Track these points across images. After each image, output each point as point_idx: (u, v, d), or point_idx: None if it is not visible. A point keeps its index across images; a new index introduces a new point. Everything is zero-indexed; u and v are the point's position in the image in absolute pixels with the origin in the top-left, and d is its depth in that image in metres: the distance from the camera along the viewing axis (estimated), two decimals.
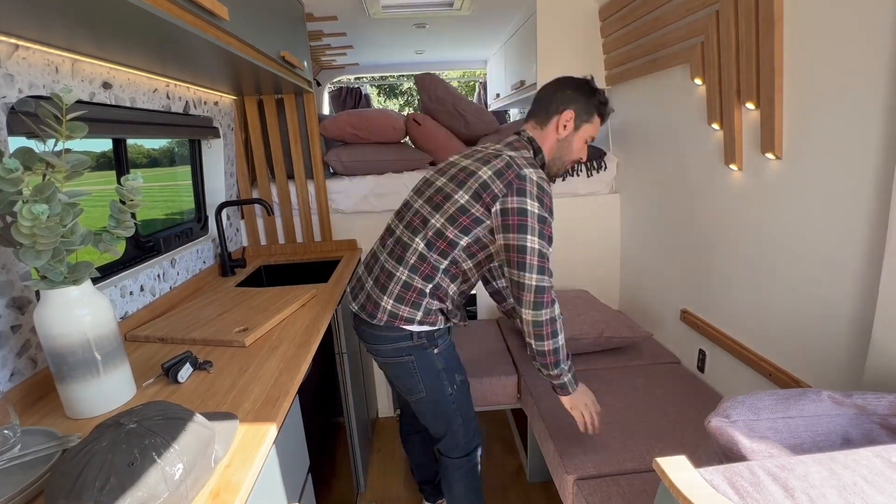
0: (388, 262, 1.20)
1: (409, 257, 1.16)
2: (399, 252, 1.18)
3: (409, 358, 1.23)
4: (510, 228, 1.09)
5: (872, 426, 0.75)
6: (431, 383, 1.26)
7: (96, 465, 0.58)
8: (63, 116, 0.78)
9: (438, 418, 1.32)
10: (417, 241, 1.16)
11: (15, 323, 0.92)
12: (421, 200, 1.21)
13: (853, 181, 1.00)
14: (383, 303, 1.18)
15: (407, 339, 1.21)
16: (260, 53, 1.30)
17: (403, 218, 1.23)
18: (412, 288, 1.16)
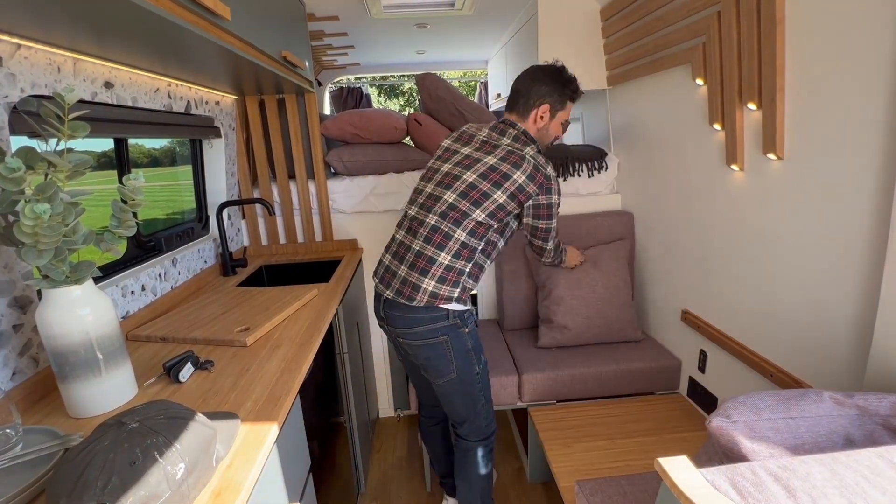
0: (426, 248, 1.29)
1: (452, 245, 1.28)
2: (439, 240, 1.28)
3: (444, 338, 1.31)
4: (540, 217, 1.35)
5: (874, 427, 0.75)
6: (462, 363, 1.34)
7: (98, 465, 0.58)
8: (65, 116, 0.78)
9: (466, 399, 1.39)
10: (459, 232, 1.28)
11: (17, 322, 0.92)
12: (452, 193, 1.30)
13: (855, 182, 1.00)
14: (424, 284, 1.27)
15: (443, 319, 1.30)
16: (261, 53, 1.30)
17: (431, 209, 1.31)
18: (454, 269, 1.29)
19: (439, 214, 1.29)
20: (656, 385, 1.76)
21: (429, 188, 1.36)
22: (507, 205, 1.28)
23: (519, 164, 1.28)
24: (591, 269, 1.86)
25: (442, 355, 1.33)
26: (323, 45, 2.66)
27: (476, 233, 1.29)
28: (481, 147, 1.35)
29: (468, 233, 1.28)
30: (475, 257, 1.31)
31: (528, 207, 1.33)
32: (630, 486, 1.17)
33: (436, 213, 1.30)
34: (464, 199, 1.28)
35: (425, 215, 1.32)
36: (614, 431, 1.56)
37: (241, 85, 1.71)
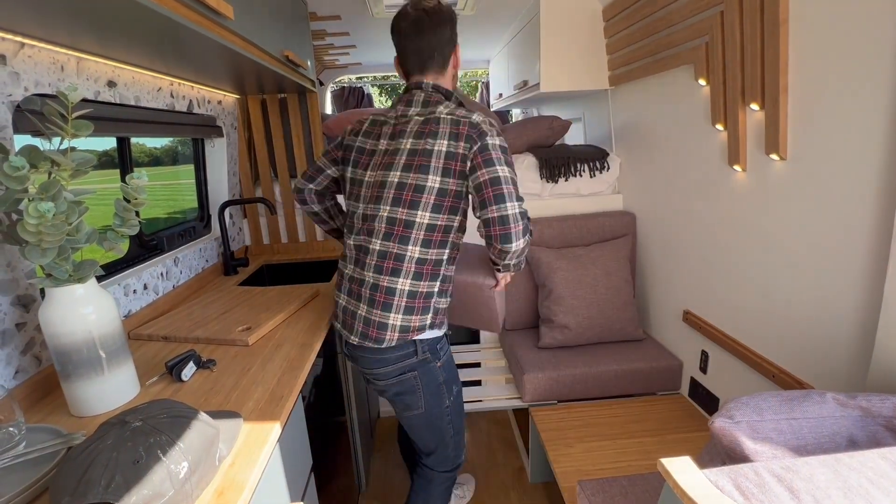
0: (380, 279, 1.10)
1: (408, 266, 1.09)
2: (391, 265, 1.09)
3: (413, 374, 1.17)
4: (477, 169, 1.05)
5: (877, 428, 0.75)
6: (431, 398, 1.22)
7: (101, 463, 0.58)
8: (68, 115, 0.78)
9: (433, 432, 1.28)
10: (410, 249, 1.08)
11: (20, 321, 0.92)
12: (385, 206, 1.10)
13: (858, 182, 1.00)
14: (391, 321, 1.10)
15: (412, 356, 1.16)
16: (264, 52, 1.30)
17: (371, 232, 1.12)
18: (418, 295, 1.10)
19: (382, 236, 1.09)
20: (657, 385, 1.75)
21: (360, 208, 1.15)
22: (446, 185, 1.05)
23: (435, 132, 1.06)
24: (593, 269, 1.86)
25: (411, 391, 1.20)
26: (325, 44, 2.66)
27: (431, 242, 1.09)
28: (403, 134, 1.11)
29: (421, 245, 1.08)
30: (441, 272, 1.12)
31: (471, 170, 1.05)
32: (632, 486, 1.17)
33: (377, 235, 1.10)
34: (399, 207, 1.07)
35: (368, 241, 1.12)
36: (616, 432, 1.56)
37: (243, 84, 1.71)
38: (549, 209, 2.14)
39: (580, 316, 1.82)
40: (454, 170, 1.05)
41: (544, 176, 2.08)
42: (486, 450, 2.04)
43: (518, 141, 2.18)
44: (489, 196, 1.03)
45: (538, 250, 1.93)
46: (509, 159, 1.08)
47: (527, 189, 2.10)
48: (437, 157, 1.06)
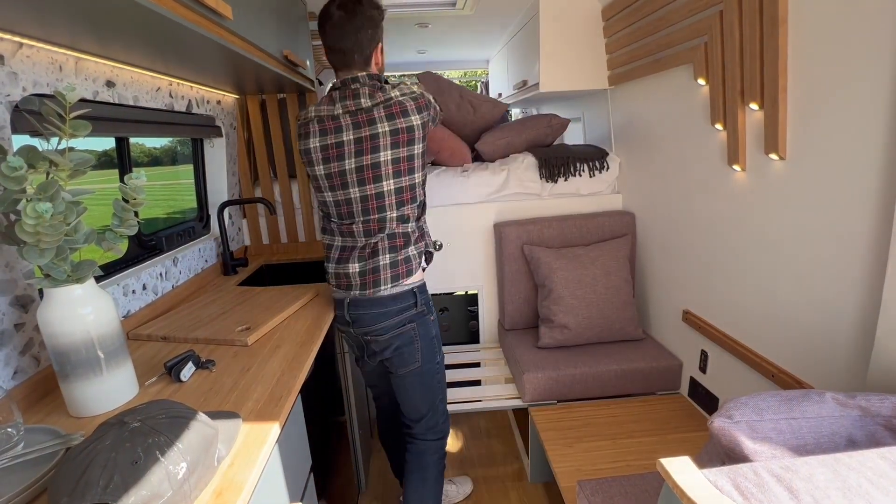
0: (366, 242, 1.24)
1: (387, 225, 1.23)
2: (375, 227, 1.23)
3: (412, 325, 1.29)
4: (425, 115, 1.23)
5: (877, 428, 0.75)
6: (427, 351, 1.33)
7: (100, 464, 0.58)
8: (66, 115, 0.78)
9: (426, 392, 1.37)
10: (387, 213, 1.22)
11: (18, 321, 0.92)
12: (354, 191, 1.22)
13: (857, 182, 1.00)
14: (381, 266, 1.23)
15: (411, 308, 1.28)
16: (263, 52, 1.30)
17: (352, 217, 1.24)
18: (396, 236, 1.24)
19: (362, 217, 1.23)
20: (657, 385, 1.75)
21: (345, 194, 1.23)
22: (422, 149, 1.23)
23: (373, 120, 1.17)
24: (592, 269, 1.86)
25: (409, 343, 1.30)
26: None
27: (403, 202, 1.23)
28: (350, 128, 1.19)
29: (397, 205, 1.22)
30: (413, 218, 1.26)
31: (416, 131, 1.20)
32: (631, 486, 1.17)
33: (353, 218, 1.24)
34: (365, 187, 1.20)
35: (353, 221, 1.25)
36: (615, 431, 1.56)
37: (242, 84, 1.71)
38: (548, 209, 2.14)
39: (580, 316, 1.82)
40: (423, 136, 1.22)
41: (544, 176, 2.08)
42: (485, 450, 2.04)
43: (517, 139, 2.18)
44: None
45: (538, 250, 1.93)
46: None
47: (526, 189, 2.11)
48: (417, 130, 1.20)
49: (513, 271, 2.01)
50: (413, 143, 1.20)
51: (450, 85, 2.17)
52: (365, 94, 1.19)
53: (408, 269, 1.26)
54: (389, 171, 1.20)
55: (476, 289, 2.23)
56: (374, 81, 1.22)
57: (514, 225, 2.00)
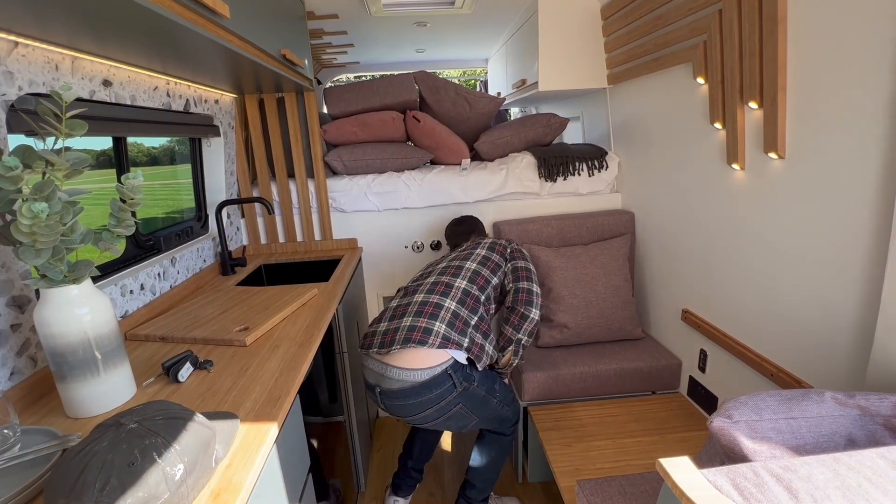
0: (429, 298, 1.36)
1: (455, 293, 1.38)
2: (441, 290, 1.38)
3: (459, 406, 1.32)
4: (514, 259, 1.58)
5: (876, 427, 0.75)
6: (481, 410, 1.38)
7: (97, 465, 0.58)
8: (63, 114, 0.77)
9: (492, 422, 1.46)
10: (459, 281, 1.42)
11: (15, 322, 0.92)
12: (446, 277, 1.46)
13: (856, 181, 1.00)
14: (436, 328, 1.27)
15: (450, 392, 1.27)
16: (261, 51, 1.30)
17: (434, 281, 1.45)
18: (459, 317, 1.33)
19: (436, 280, 1.45)
20: (656, 384, 1.75)
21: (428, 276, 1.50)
22: (490, 278, 1.48)
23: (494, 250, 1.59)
24: (592, 268, 1.86)
25: (461, 417, 1.35)
26: (322, 43, 2.66)
27: (475, 282, 1.44)
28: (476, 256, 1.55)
29: (467, 281, 1.42)
30: (479, 310, 1.39)
31: (507, 271, 1.54)
32: (631, 486, 1.17)
33: (434, 280, 1.44)
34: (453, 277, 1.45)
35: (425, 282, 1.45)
36: (614, 431, 1.56)
37: (240, 83, 1.70)
38: (547, 208, 2.14)
39: (579, 315, 1.82)
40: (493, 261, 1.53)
41: (543, 175, 2.07)
42: None
43: (516, 139, 2.17)
44: (522, 276, 1.52)
45: (537, 249, 1.92)
46: None
47: (525, 188, 2.10)
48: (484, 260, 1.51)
49: None
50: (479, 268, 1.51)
51: (445, 83, 2.18)
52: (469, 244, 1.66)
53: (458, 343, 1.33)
54: None
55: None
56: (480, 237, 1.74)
57: (513, 224, 2.00)
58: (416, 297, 1.37)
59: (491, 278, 1.48)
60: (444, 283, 1.41)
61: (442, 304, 1.32)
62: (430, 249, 2.16)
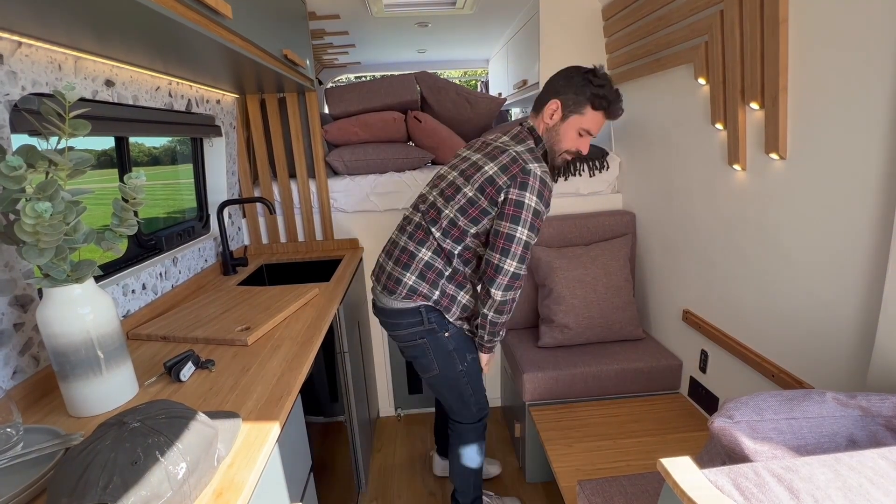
0: (409, 244, 1.33)
1: (431, 242, 1.30)
2: (420, 236, 1.32)
3: (423, 341, 1.36)
4: (504, 216, 1.22)
5: (877, 428, 0.75)
6: (443, 363, 1.39)
7: (99, 464, 0.58)
8: (66, 114, 0.77)
9: (452, 392, 1.44)
10: (434, 231, 1.30)
11: (18, 321, 0.92)
12: (435, 193, 1.34)
13: (858, 182, 1.00)
14: (405, 279, 1.31)
15: (419, 324, 1.34)
16: (263, 52, 1.30)
17: (419, 208, 1.37)
18: (433, 268, 1.31)
19: (422, 212, 1.35)
20: (657, 385, 1.75)
21: (424, 190, 1.41)
22: (476, 199, 1.22)
23: (496, 157, 1.24)
24: (592, 269, 1.86)
25: (423, 355, 1.39)
26: (324, 43, 2.66)
27: (449, 233, 1.27)
28: (482, 148, 1.33)
29: (441, 232, 1.28)
30: (453, 262, 1.31)
31: (499, 205, 1.21)
32: (631, 486, 1.17)
33: (420, 211, 1.36)
34: (440, 197, 1.32)
35: (415, 214, 1.37)
36: (615, 431, 1.56)
37: (242, 83, 1.71)
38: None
39: (580, 315, 1.82)
40: (488, 192, 1.23)
41: None
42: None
43: None
44: (499, 245, 1.23)
45: (538, 249, 1.92)
46: (536, 222, 1.22)
47: None
48: (482, 174, 1.24)
49: None
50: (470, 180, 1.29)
51: (446, 83, 2.20)
52: (512, 133, 1.34)
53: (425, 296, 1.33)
54: (446, 191, 1.36)
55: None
56: (520, 126, 1.34)
57: None
58: (401, 237, 1.36)
59: (469, 228, 1.26)
60: (426, 222, 1.30)
61: (416, 253, 1.30)
62: None
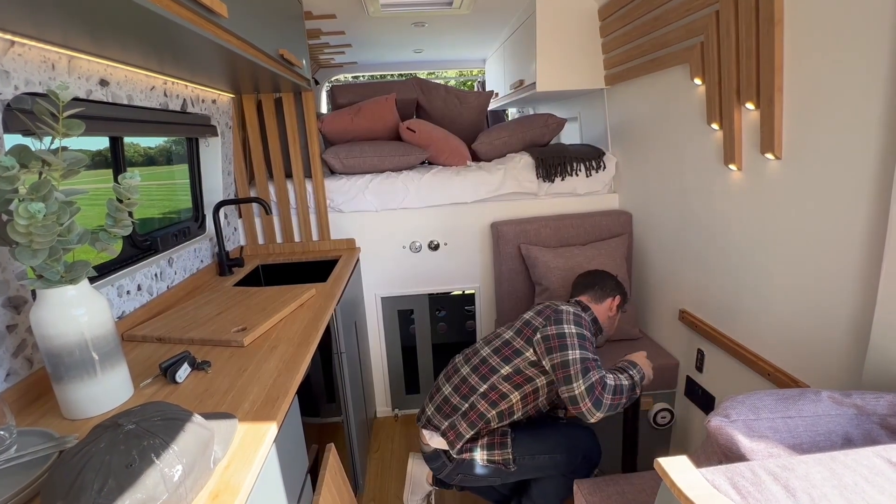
0: (452, 398, 1.42)
1: (469, 398, 1.37)
2: (465, 391, 1.40)
3: (459, 476, 1.40)
4: (552, 350, 1.26)
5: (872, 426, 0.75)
6: (494, 476, 1.39)
7: (94, 467, 0.58)
8: (59, 114, 0.77)
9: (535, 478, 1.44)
10: (481, 383, 1.38)
11: (11, 322, 0.91)
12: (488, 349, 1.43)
13: (853, 181, 1.00)
14: (435, 422, 1.41)
15: (445, 466, 1.40)
16: (258, 51, 1.29)
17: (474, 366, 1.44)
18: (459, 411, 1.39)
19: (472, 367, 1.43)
20: (654, 384, 1.76)
21: None
22: (512, 341, 1.35)
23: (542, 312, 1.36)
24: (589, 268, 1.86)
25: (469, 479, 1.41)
26: (320, 43, 2.65)
27: (482, 374, 1.37)
28: None
29: (491, 382, 1.35)
30: (478, 413, 1.36)
31: (537, 343, 1.29)
32: (629, 485, 1.17)
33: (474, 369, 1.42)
34: (487, 347, 1.42)
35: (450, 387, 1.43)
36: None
37: (237, 83, 1.70)
38: (545, 208, 2.14)
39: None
40: (525, 334, 1.34)
41: (541, 175, 2.08)
42: None
43: (514, 139, 2.18)
44: (559, 377, 1.25)
45: (535, 249, 1.93)
46: (585, 344, 1.28)
47: (523, 188, 2.11)
48: (524, 323, 1.38)
49: (509, 270, 2.01)
50: (511, 335, 1.39)
51: (434, 84, 2.32)
52: None
53: None
54: None
55: (473, 288, 2.23)
56: (575, 304, 1.47)
57: (510, 224, 2.00)
58: (445, 388, 1.43)
59: (501, 367, 1.35)
60: (471, 383, 1.38)
61: (443, 388, 1.43)
62: (428, 250, 2.15)
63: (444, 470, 1.40)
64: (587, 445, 1.40)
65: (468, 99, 2.36)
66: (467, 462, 1.36)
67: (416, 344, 2.28)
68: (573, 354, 1.23)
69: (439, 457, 1.40)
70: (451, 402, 1.38)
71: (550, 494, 1.43)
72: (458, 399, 1.36)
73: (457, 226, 2.13)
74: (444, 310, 2.35)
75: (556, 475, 1.41)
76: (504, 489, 1.59)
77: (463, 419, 1.35)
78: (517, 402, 1.34)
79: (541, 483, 1.44)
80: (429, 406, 1.44)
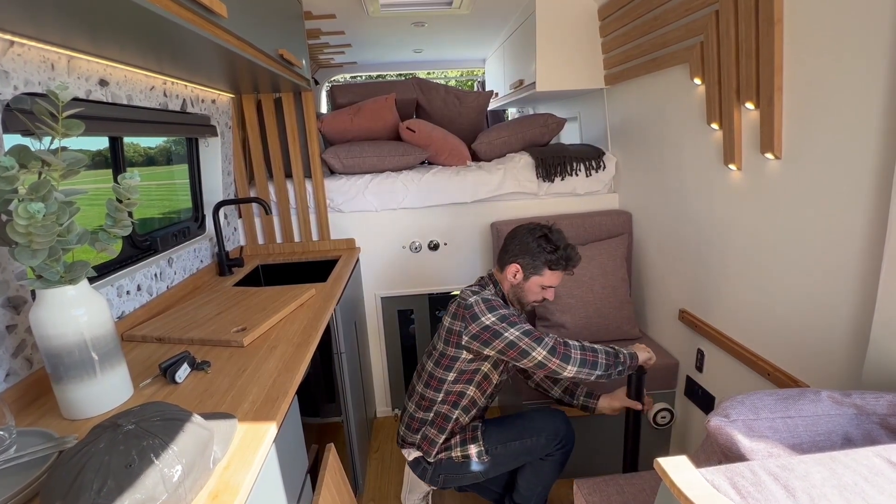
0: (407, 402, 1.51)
1: (416, 398, 1.45)
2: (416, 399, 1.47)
3: (441, 477, 1.43)
4: (489, 342, 1.29)
5: (872, 426, 0.75)
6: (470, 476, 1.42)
7: (94, 467, 0.58)
8: (59, 114, 0.77)
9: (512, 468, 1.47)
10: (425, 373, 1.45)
11: (10, 323, 0.91)
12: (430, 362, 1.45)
13: (852, 181, 1.00)
14: (401, 432, 1.48)
15: (426, 469, 1.43)
16: (258, 51, 1.29)
17: None
18: (415, 419, 1.44)
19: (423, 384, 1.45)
20: (654, 384, 1.76)
21: None
22: (445, 351, 1.37)
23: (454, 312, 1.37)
24: (589, 268, 1.86)
25: (453, 479, 1.45)
26: (320, 43, 2.65)
27: (432, 379, 1.41)
28: None
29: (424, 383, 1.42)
30: (433, 407, 1.41)
31: (468, 344, 1.31)
32: (628, 485, 1.17)
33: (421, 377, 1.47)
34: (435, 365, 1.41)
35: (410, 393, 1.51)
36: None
37: (237, 83, 1.70)
38: (545, 208, 2.14)
39: (577, 315, 1.83)
40: (452, 342, 1.35)
41: (540, 175, 2.08)
42: None
43: (513, 139, 2.18)
44: (513, 356, 1.27)
45: None
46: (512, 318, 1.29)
47: (523, 188, 2.10)
48: (445, 329, 1.38)
49: None
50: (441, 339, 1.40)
51: (434, 84, 2.34)
52: None
53: None
54: None
55: None
56: (486, 279, 1.46)
57: (510, 224, 1.99)
58: (410, 406, 1.48)
59: (446, 375, 1.37)
60: (428, 397, 1.41)
61: (408, 408, 1.47)
62: (427, 250, 2.15)
63: (427, 474, 1.44)
64: (555, 425, 1.42)
65: (468, 99, 2.37)
66: (444, 462, 1.40)
67: (416, 344, 2.28)
68: (511, 335, 1.25)
69: (419, 463, 1.44)
70: (417, 418, 1.43)
71: (535, 483, 1.47)
72: (423, 413, 1.42)
73: (457, 226, 2.13)
74: (444, 310, 2.35)
75: (534, 461, 1.44)
76: (498, 487, 1.60)
77: (431, 426, 1.41)
78: (475, 393, 1.40)
79: (524, 474, 1.48)
80: (400, 427, 1.49)
